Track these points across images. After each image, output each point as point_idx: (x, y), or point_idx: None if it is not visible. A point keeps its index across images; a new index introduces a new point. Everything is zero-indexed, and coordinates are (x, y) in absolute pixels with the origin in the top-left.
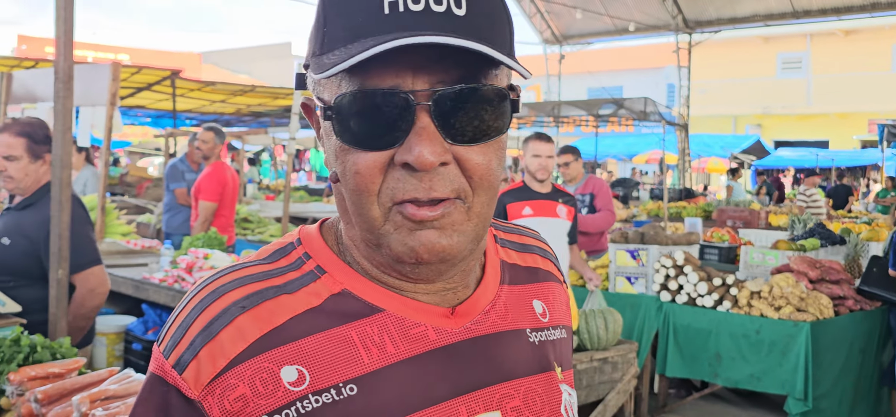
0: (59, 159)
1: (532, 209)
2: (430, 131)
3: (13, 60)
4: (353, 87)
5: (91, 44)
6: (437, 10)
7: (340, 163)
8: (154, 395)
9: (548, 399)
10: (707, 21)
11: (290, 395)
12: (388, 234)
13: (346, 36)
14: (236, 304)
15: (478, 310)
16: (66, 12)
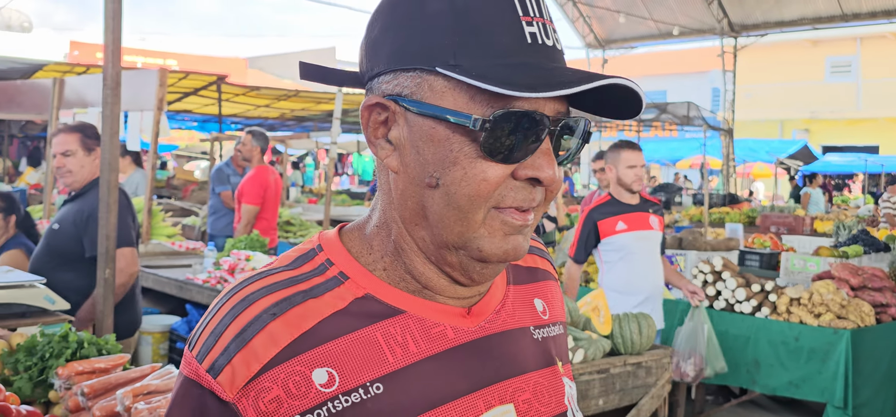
0: (108, 163)
1: (626, 223)
2: (550, 152)
3: (65, 66)
4: (504, 107)
5: (140, 50)
6: (558, 47)
7: (461, 170)
8: (189, 398)
9: (553, 391)
10: (753, 24)
11: (321, 396)
12: (482, 237)
13: (493, 52)
14: (267, 311)
15: (490, 310)
16: (114, 22)
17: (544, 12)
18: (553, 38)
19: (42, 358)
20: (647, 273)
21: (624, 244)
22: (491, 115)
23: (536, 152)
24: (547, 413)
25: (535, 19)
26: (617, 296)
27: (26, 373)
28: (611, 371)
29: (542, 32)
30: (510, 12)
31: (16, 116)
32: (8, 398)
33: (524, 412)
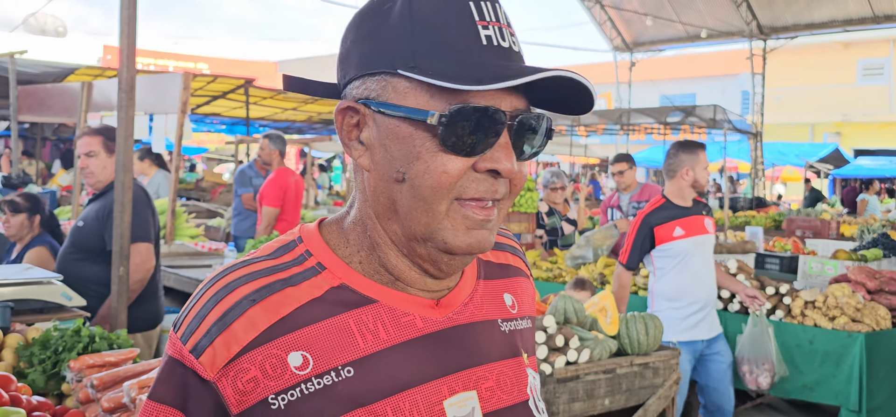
0: (122, 164)
1: (683, 229)
2: (509, 146)
3: (97, 70)
4: (461, 102)
5: (172, 53)
6: (515, 49)
7: (423, 164)
8: (173, 376)
9: (516, 381)
10: (783, 27)
11: (295, 378)
12: (446, 229)
13: (449, 55)
14: (247, 297)
15: (458, 302)
16: (129, 27)
17: (501, 17)
18: (510, 40)
19: (55, 352)
20: (704, 279)
21: (682, 250)
22: (447, 110)
23: (495, 146)
24: (508, 400)
25: (491, 24)
26: (669, 305)
27: (40, 366)
28: (617, 372)
29: (498, 35)
30: (467, 18)
31: (46, 119)
32: (20, 389)
33: (487, 398)
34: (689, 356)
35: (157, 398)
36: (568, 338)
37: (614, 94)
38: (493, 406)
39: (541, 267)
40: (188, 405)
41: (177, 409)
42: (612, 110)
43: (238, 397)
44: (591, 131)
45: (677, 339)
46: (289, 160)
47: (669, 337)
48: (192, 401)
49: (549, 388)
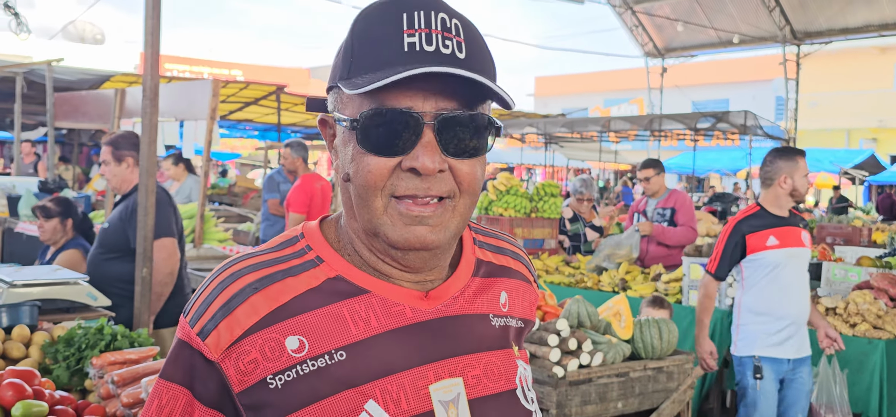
0: (145, 169)
1: (778, 239)
2: (432, 145)
3: (132, 76)
4: (374, 105)
5: (207, 60)
6: (445, 53)
7: (355, 165)
8: (181, 357)
9: (504, 370)
10: (816, 32)
11: (292, 360)
12: (386, 224)
13: (373, 65)
14: (250, 285)
15: (448, 296)
16: (152, 37)
17: (433, 23)
18: (437, 43)
19: (79, 349)
20: (795, 294)
21: (774, 261)
22: (358, 115)
23: (417, 144)
24: (495, 388)
25: (418, 31)
26: (756, 319)
27: (64, 362)
28: (630, 375)
29: (423, 41)
30: (395, 28)
31: (82, 125)
32: (44, 384)
33: (473, 385)
34: (773, 374)
35: (167, 377)
36: (581, 341)
37: (646, 100)
38: (479, 392)
39: (562, 273)
40: (194, 384)
41: (184, 387)
42: (643, 116)
43: (239, 377)
44: (621, 137)
45: (761, 355)
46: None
47: (753, 352)
48: (197, 380)
49: (561, 390)
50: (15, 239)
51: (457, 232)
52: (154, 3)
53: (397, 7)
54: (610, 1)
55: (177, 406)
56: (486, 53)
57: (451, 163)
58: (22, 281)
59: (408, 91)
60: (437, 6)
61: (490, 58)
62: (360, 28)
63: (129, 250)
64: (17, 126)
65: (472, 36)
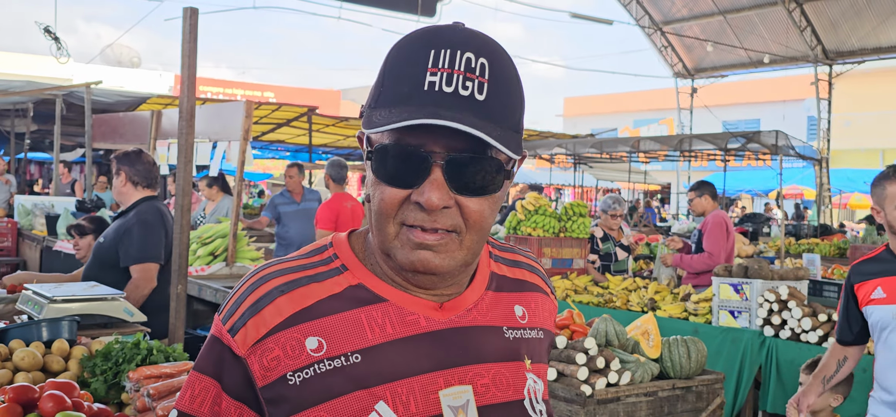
0: (181, 188)
1: (885, 290)
2: (439, 182)
3: (167, 99)
4: (390, 140)
5: (240, 82)
6: (463, 94)
7: (372, 189)
8: (213, 351)
9: (513, 381)
10: (848, 52)
11: (310, 359)
12: (396, 248)
13: (394, 99)
14: (277, 288)
15: (462, 307)
16: (189, 59)
17: (458, 63)
18: (457, 84)
19: (116, 363)
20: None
21: (880, 321)
22: (373, 148)
23: (425, 180)
24: (503, 398)
25: (441, 70)
26: (874, 392)
27: (102, 376)
28: (658, 395)
29: (444, 81)
30: (420, 65)
31: (119, 146)
32: (82, 396)
33: (482, 394)
34: None
35: (199, 369)
36: (609, 360)
37: (675, 121)
38: (488, 400)
39: (591, 292)
40: (223, 376)
41: (214, 379)
42: (673, 136)
43: (263, 372)
44: (651, 157)
45: None
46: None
47: None
48: (226, 373)
49: (589, 409)
50: (53, 257)
51: (465, 261)
52: (191, 27)
53: (427, 43)
54: (639, 22)
55: (208, 396)
56: (511, 93)
57: (458, 200)
58: (61, 297)
59: (421, 130)
60: (466, 44)
61: (515, 97)
62: (392, 60)
63: (118, 267)
64: (56, 147)
65: (498, 76)
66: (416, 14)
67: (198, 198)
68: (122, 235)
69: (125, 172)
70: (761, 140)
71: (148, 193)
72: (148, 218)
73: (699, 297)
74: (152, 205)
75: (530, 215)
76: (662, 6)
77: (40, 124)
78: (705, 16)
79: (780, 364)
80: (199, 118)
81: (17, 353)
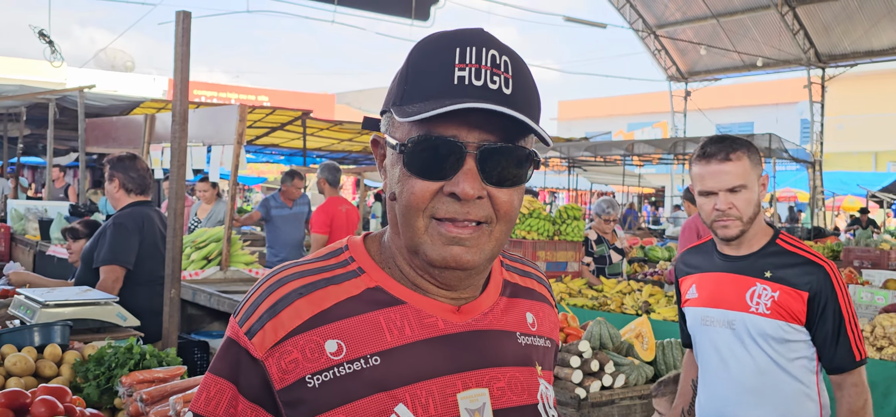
0: (174, 192)
1: (698, 289)
2: (473, 173)
3: (160, 103)
4: (422, 132)
5: (234, 86)
6: (492, 88)
7: (401, 185)
8: (229, 354)
9: (527, 385)
10: (841, 54)
11: (330, 362)
12: (426, 243)
13: (424, 94)
14: (295, 291)
15: (479, 311)
16: (182, 63)
17: (484, 59)
18: (485, 78)
19: (109, 368)
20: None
21: (691, 325)
22: (407, 140)
23: (459, 171)
24: (518, 401)
25: (469, 66)
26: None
27: (95, 381)
28: None
29: (473, 76)
30: (447, 61)
31: (112, 150)
32: (75, 401)
33: (498, 397)
34: None
35: (215, 371)
36: (603, 363)
37: (669, 124)
38: (504, 404)
39: (585, 296)
40: (240, 379)
41: (230, 382)
42: (666, 139)
43: (281, 375)
44: (645, 161)
45: None
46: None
47: None
48: (242, 376)
49: (584, 412)
50: (47, 262)
51: (492, 255)
52: (183, 31)
53: (452, 42)
54: (633, 26)
55: (223, 398)
56: (532, 91)
57: (489, 191)
58: (54, 302)
59: (454, 122)
60: (488, 43)
61: (535, 95)
62: (415, 58)
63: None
64: (49, 151)
65: (520, 73)
66: (409, 17)
67: (189, 201)
68: (98, 237)
69: (119, 178)
70: (755, 143)
71: (139, 199)
72: (123, 222)
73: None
74: (136, 211)
75: (524, 218)
76: (656, 9)
77: (33, 128)
78: (698, 19)
79: None
80: (193, 122)
81: (9, 358)
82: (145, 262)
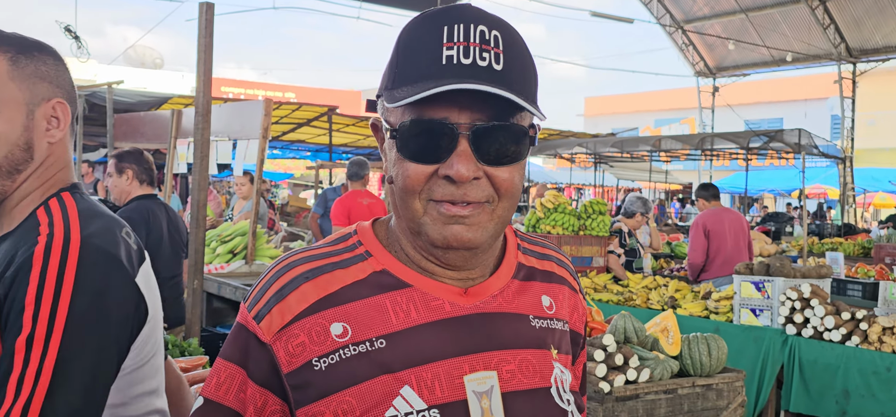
0: (197, 183)
1: None
2: (467, 154)
3: (188, 99)
4: (413, 116)
5: (261, 83)
6: (481, 65)
7: (396, 169)
8: (238, 338)
9: (539, 368)
10: (873, 49)
11: (336, 344)
12: (426, 224)
13: (413, 77)
14: (302, 275)
15: (487, 294)
16: (205, 55)
17: (472, 35)
18: (474, 56)
19: None
20: None
21: None
22: (397, 125)
23: (453, 153)
24: (529, 384)
25: (457, 44)
26: None
27: None
28: (678, 392)
29: (461, 54)
30: (435, 41)
31: (141, 145)
32: None
33: (507, 380)
34: None
35: (225, 356)
36: (628, 357)
37: (697, 120)
38: (513, 386)
39: (611, 290)
40: (249, 363)
41: (240, 366)
42: (693, 135)
43: (288, 358)
44: (672, 157)
45: None
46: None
47: None
48: (251, 360)
49: (608, 406)
50: None
51: (495, 233)
52: (206, 22)
53: (438, 20)
54: (660, 20)
55: (233, 383)
56: (526, 64)
57: (487, 171)
58: None
59: (444, 103)
60: (477, 19)
61: (529, 68)
62: (404, 40)
63: None
64: (78, 147)
65: (512, 47)
66: None
67: (213, 196)
68: None
69: (133, 170)
70: (784, 139)
71: (147, 191)
72: (130, 215)
73: (720, 295)
74: (141, 204)
75: (549, 213)
76: (684, 4)
77: None
78: (727, 14)
79: (803, 363)
80: (219, 117)
81: None
82: (151, 255)
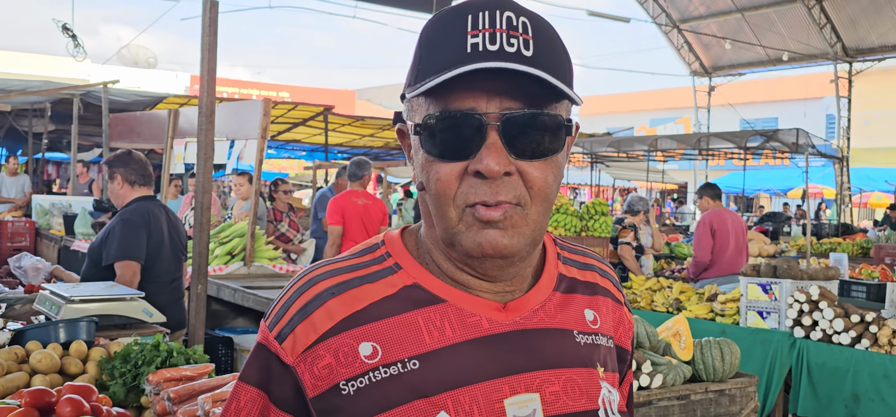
0: (201, 185)
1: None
2: (497, 146)
3: (183, 98)
4: (437, 109)
5: (256, 82)
6: (509, 51)
7: (426, 173)
8: (259, 359)
9: (586, 389)
10: (869, 49)
11: (365, 366)
12: (461, 233)
13: (436, 69)
14: (328, 290)
15: (527, 308)
16: (209, 54)
17: (498, 22)
18: (501, 41)
19: (135, 365)
20: None
21: None
22: (420, 120)
23: (483, 147)
24: (575, 407)
25: (482, 31)
26: None
27: (121, 379)
28: (691, 398)
29: (487, 41)
30: (459, 30)
31: (136, 145)
32: (101, 400)
33: (551, 402)
34: None
35: (245, 379)
36: (640, 363)
37: (692, 120)
38: (558, 410)
39: None
40: (271, 386)
41: (261, 389)
42: (690, 135)
43: (314, 381)
44: (668, 156)
45: None
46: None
47: None
48: (274, 383)
49: None
50: (71, 257)
51: (532, 240)
52: (210, 21)
53: (462, 10)
54: (656, 20)
55: (254, 408)
56: (558, 50)
57: (519, 167)
58: (79, 297)
59: (471, 92)
60: (503, 5)
61: (563, 55)
62: (426, 35)
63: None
64: (73, 147)
65: (542, 32)
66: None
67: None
68: (107, 234)
69: (120, 174)
70: (781, 138)
71: (144, 192)
72: (130, 217)
73: (726, 297)
74: (141, 206)
75: (552, 213)
76: (679, 4)
77: (58, 124)
78: (723, 13)
79: (812, 366)
80: (217, 116)
81: (35, 355)
82: (152, 258)
